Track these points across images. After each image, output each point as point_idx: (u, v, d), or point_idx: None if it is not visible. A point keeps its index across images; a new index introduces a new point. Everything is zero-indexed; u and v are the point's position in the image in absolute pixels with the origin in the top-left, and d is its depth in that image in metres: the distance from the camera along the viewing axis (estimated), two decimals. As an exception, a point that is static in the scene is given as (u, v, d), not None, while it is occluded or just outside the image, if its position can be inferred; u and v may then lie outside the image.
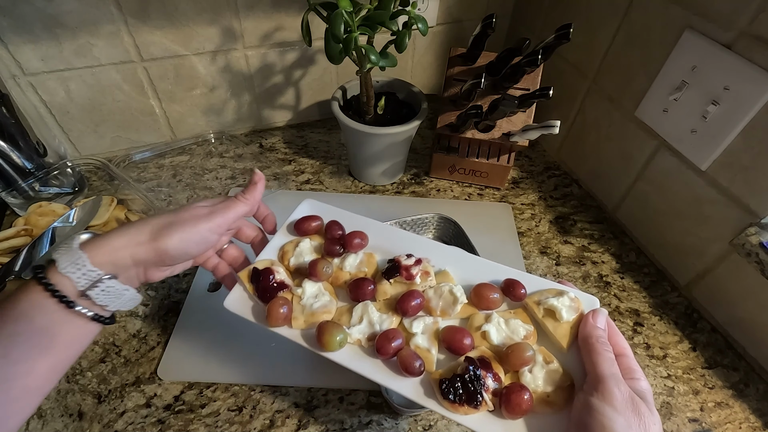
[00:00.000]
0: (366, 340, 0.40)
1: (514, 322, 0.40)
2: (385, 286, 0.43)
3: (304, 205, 0.50)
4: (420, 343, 0.39)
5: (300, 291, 0.42)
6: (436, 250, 0.46)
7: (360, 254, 0.46)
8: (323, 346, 0.38)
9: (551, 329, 0.39)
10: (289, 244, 0.46)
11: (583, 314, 0.39)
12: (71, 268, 0.35)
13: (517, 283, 0.41)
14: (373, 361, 0.39)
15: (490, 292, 0.41)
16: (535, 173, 0.86)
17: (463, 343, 0.38)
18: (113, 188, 0.72)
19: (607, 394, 0.32)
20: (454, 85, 0.75)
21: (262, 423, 0.51)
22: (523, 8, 0.91)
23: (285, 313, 0.40)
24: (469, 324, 0.41)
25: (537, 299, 0.41)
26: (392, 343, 0.38)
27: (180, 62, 0.76)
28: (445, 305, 0.41)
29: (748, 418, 0.54)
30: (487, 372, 0.36)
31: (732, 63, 0.52)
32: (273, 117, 0.91)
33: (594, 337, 0.36)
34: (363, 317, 0.40)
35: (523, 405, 0.34)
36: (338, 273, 0.44)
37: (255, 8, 0.74)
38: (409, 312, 0.40)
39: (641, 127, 0.67)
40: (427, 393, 0.37)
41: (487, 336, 0.39)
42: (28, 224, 0.60)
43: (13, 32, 0.63)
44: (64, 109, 0.74)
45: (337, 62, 0.60)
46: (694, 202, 0.62)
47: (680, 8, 0.58)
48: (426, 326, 0.40)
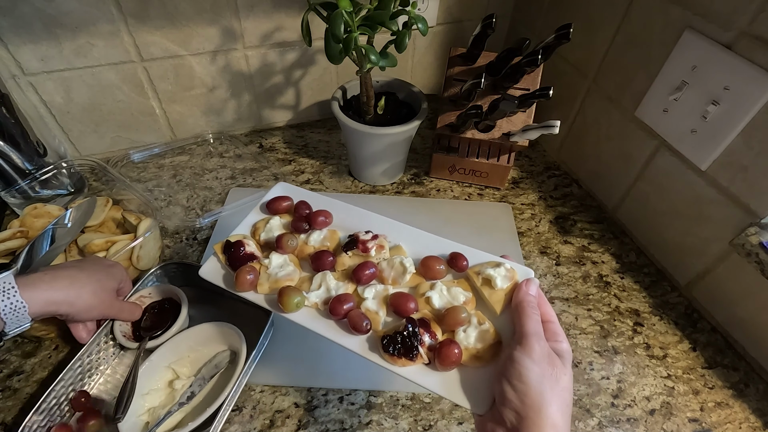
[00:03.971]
0: (322, 303, 0.44)
1: (455, 290, 0.44)
2: (344, 258, 0.47)
3: (277, 187, 0.54)
4: (370, 307, 0.43)
5: (267, 261, 0.46)
6: (392, 227, 0.50)
7: (324, 231, 0.50)
8: (282, 307, 0.42)
9: (487, 296, 0.43)
10: (260, 222, 0.51)
11: (518, 283, 0.43)
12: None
13: (460, 256, 0.46)
14: (327, 322, 0.43)
15: (436, 264, 0.45)
16: (535, 173, 0.86)
17: (407, 306, 0.42)
18: (111, 189, 0.72)
19: (527, 348, 0.35)
20: (454, 85, 0.75)
21: (262, 423, 0.51)
22: (523, 8, 0.91)
23: (251, 279, 0.44)
24: (416, 291, 0.45)
25: (477, 270, 0.45)
26: (344, 305, 0.42)
27: (180, 62, 0.76)
28: (396, 275, 0.45)
29: (748, 418, 0.55)
30: (425, 330, 0.40)
31: (732, 63, 0.52)
32: (273, 117, 0.91)
33: (525, 301, 0.40)
34: (321, 284, 0.45)
35: (452, 357, 0.38)
36: (303, 247, 0.48)
37: (255, 8, 0.74)
38: (362, 280, 0.45)
39: (641, 127, 0.67)
40: (372, 348, 0.41)
41: (429, 301, 0.43)
42: (24, 226, 0.60)
43: (13, 32, 0.63)
44: (64, 109, 0.74)
45: (337, 62, 0.60)
46: (694, 202, 0.62)
47: (680, 8, 0.58)
48: (377, 292, 0.44)
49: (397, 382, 0.55)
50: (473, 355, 0.40)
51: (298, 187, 0.55)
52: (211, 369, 0.53)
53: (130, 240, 0.60)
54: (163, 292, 0.58)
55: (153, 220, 0.63)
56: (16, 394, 0.52)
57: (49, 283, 0.44)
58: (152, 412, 0.49)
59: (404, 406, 0.53)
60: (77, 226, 0.59)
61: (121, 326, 0.54)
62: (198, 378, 0.52)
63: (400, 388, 0.55)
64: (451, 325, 0.41)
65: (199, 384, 0.51)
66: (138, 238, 0.60)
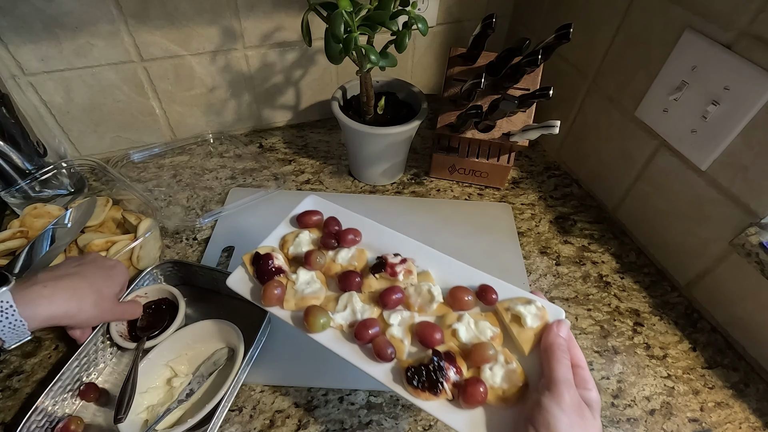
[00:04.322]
0: (347, 326, 0.43)
1: (483, 324, 0.43)
2: (371, 280, 0.46)
3: (308, 200, 0.54)
4: (395, 334, 0.42)
5: (295, 277, 0.46)
6: (422, 251, 0.49)
7: (352, 249, 0.49)
8: (308, 327, 0.42)
9: (516, 334, 0.42)
10: (289, 235, 0.50)
11: (548, 323, 0.42)
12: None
13: (490, 289, 0.44)
14: (351, 346, 0.42)
15: (464, 295, 0.44)
16: (535, 173, 0.86)
17: (433, 337, 0.41)
18: (111, 189, 0.72)
19: (557, 395, 0.34)
20: (454, 85, 0.75)
21: (262, 423, 0.51)
22: (523, 8, 0.91)
23: (278, 294, 0.44)
24: (442, 321, 0.44)
25: (507, 305, 0.44)
26: (369, 330, 0.41)
27: (180, 62, 0.76)
28: (423, 302, 0.44)
29: (748, 418, 0.54)
30: (451, 365, 0.39)
31: (732, 63, 0.52)
32: (273, 117, 0.91)
33: (555, 344, 0.38)
34: (347, 305, 0.44)
35: (477, 396, 0.37)
36: (330, 264, 0.48)
37: (255, 8, 0.74)
38: (389, 305, 0.44)
39: (641, 127, 0.67)
40: (396, 378, 0.40)
41: (456, 334, 0.42)
42: (24, 226, 0.60)
43: (13, 32, 0.63)
44: (64, 109, 0.74)
45: (337, 62, 0.60)
46: (694, 202, 0.62)
47: (680, 8, 0.58)
48: (402, 319, 0.43)
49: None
50: (499, 396, 0.38)
51: (329, 202, 0.54)
52: (210, 366, 0.53)
53: (130, 240, 0.60)
54: (159, 292, 0.58)
55: (153, 220, 0.63)
56: (16, 394, 0.52)
57: (49, 298, 0.44)
58: (151, 410, 0.50)
59: (404, 406, 0.53)
60: (77, 226, 0.60)
61: (117, 326, 0.54)
62: (196, 375, 0.52)
63: (399, 388, 0.55)
64: (477, 362, 0.40)
65: (198, 381, 0.52)
66: (138, 238, 0.60)
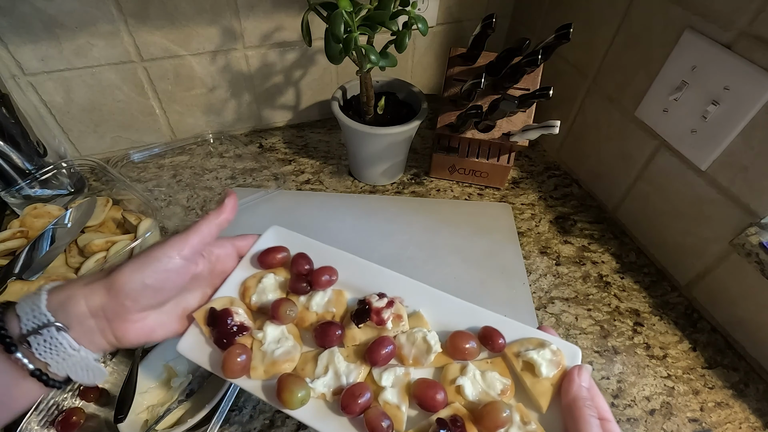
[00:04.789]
0: (331, 394, 0.36)
1: (491, 375, 0.37)
2: (354, 331, 0.40)
3: (270, 234, 0.46)
4: (389, 399, 0.36)
5: (261, 335, 0.39)
6: (409, 287, 0.43)
7: (328, 292, 0.42)
8: (283, 404, 0.35)
9: (530, 386, 0.37)
10: (251, 279, 0.43)
11: (565, 369, 0.37)
12: (26, 306, 0.32)
13: (495, 333, 0.39)
14: (339, 420, 0.36)
15: (466, 341, 0.38)
16: (535, 173, 0.86)
17: (435, 399, 0.35)
18: (111, 189, 0.72)
19: None
20: (454, 85, 0.75)
21: (262, 423, 0.51)
22: (523, 8, 0.91)
23: (243, 362, 0.37)
24: (443, 376, 0.38)
25: (516, 350, 0.38)
26: (359, 399, 0.35)
27: (180, 62, 0.76)
28: (418, 353, 0.38)
29: (748, 418, 0.54)
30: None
31: (732, 63, 0.52)
32: (273, 117, 0.91)
33: (581, 399, 0.33)
34: (329, 367, 0.37)
35: None
36: (303, 313, 0.41)
37: (255, 8, 0.74)
38: (379, 362, 0.37)
39: (641, 127, 0.67)
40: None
41: (461, 391, 0.36)
42: (24, 226, 0.60)
43: (13, 32, 0.63)
44: (64, 109, 0.74)
45: (337, 62, 0.60)
46: (694, 202, 0.62)
47: (680, 8, 0.58)
48: (396, 378, 0.37)
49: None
50: None
51: (295, 233, 0.46)
52: None
53: (130, 240, 0.60)
54: None
55: (153, 220, 0.63)
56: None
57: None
58: (151, 410, 0.50)
59: (404, 406, 0.53)
60: (77, 226, 0.60)
61: None
62: (197, 375, 0.52)
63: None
64: (490, 428, 0.34)
65: (198, 381, 0.51)
66: (138, 238, 0.60)
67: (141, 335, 0.36)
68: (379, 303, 0.40)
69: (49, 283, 0.34)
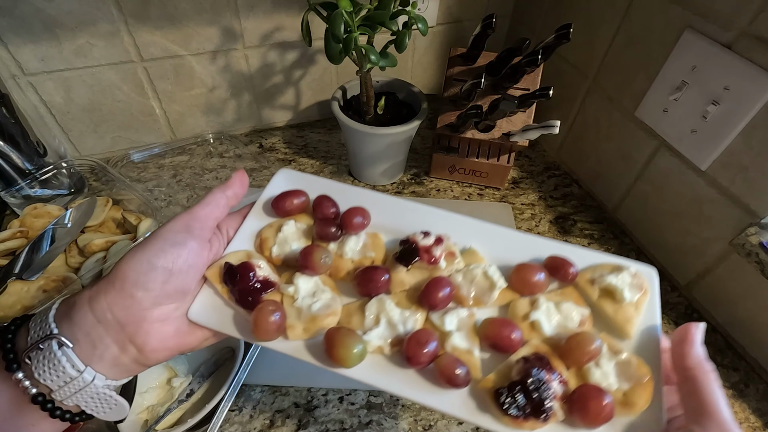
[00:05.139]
0: (389, 346, 0.32)
1: (567, 306, 0.33)
2: (402, 275, 0.34)
3: (279, 177, 0.41)
4: (458, 344, 0.32)
5: (292, 290, 0.33)
6: (455, 223, 0.38)
7: (362, 236, 0.37)
8: (338, 362, 0.30)
9: (611, 313, 0.33)
10: (268, 229, 0.37)
11: (647, 292, 0.33)
12: (37, 317, 0.28)
13: (565, 262, 0.35)
14: (404, 373, 0.31)
15: (534, 273, 0.34)
16: (535, 173, 0.86)
17: (511, 338, 0.31)
18: (111, 189, 0.72)
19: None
20: (454, 85, 0.75)
21: (262, 423, 0.51)
22: (523, 8, 0.91)
23: (277, 321, 0.31)
24: (511, 313, 0.34)
25: (590, 277, 0.35)
26: (425, 348, 0.30)
27: (180, 62, 0.76)
28: (479, 292, 0.34)
29: (748, 418, 0.54)
30: (550, 373, 0.30)
31: (732, 63, 0.52)
32: (273, 117, 0.91)
33: (704, 364, 0.28)
34: (380, 317, 0.33)
35: (603, 413, 0.28)
36: (337, 261, 0.36)
37: (255, 8, 0.74)
38: (438, 305, 0.33)
39: (641, 127, 0.67)
40: (479, 407, 0.30)
41: (536, 326, 0.33)
42: (24, 226, 0.60)
43: (13, 32, 0.63)
44: (64, 109, 0.74)
45: (337, 62, 0.60)
46: (694, 202, 0.62)
47: (680, 8, 0.58)
48: (461, 321, 0.33)
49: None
50: (619, 402, 0.29)
51: (310, 175, 0.41)
52: (210, 366, 0.53)
53: (130, 240, 0.60)
54: None
55: (153, 220, 0.63)
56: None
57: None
58: (151, 410, 0.50)
59: (404, 406, 0.53)
60: (77, 226, 0.60)
61: None
62: (197, 375, 0.52)
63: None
64: (580, 361, 0.31)
65: (198, 381, 0.52)
66: (138, 238, 0.60)
67: (167, 340, 0.30)
68: (427, 241, 0.35)
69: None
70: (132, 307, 0.28)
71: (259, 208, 0.39)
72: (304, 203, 0.39)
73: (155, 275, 0.29)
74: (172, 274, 0.30)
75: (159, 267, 0.29)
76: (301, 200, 0.38)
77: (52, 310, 0.28)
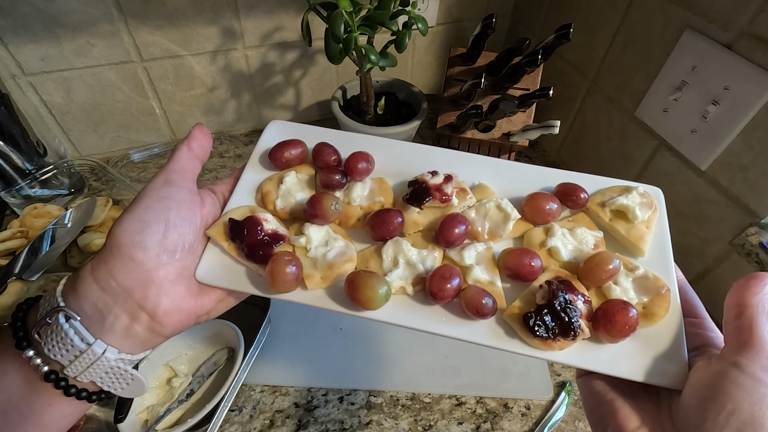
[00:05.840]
0: (411, 285, 0.32)
1: (581, 231, 0.34)
2: (414, 216, 0.35)
3: (271, 129, 0.40)
4: (479, 277, 0.32)
5: (303, 240, 0.33)
6: (461, 161, 0.38)
7: (368, 181, 0.37)
8: (364, 304, 0.30)
9: (624, 232, 0.34)
10: (268, 182, 0.36)
11: (657, 209, 0.35)
12: (47, 294, 0.27)
13: (576, 188, 0.35)
14: (429, 309, 0.31)
15: (547, 202, 0.35)
16: (535, 173, 0.86)
17: (532, 266, 0.32)
18: (111, 189, 0.72)
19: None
20: (454, 85, 0.75)
21: (262, 423, 0.51)
22: (523, 8, 0.91)
23: (295, 272, 0.30)
24: (527, 243, 0.35)
25: (600, 201, 0.36)
26: (449, 282, 0.30)
27: (180, 62, 0.76)
28: (493, 225, 0.34)
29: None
30: (574, 294, 0.31)
31: (732, 63, 0.52)
32: (273, 117, 0.91)
33: (766, 304, 0.26)
34: (398, 258, 0.32)
35: (629, 324, 0.29)
36: (346, 209, 0.35)
37: (255, 8, 0.74)
38: (455, 241, 0.33)
39: (641, 127, 0.67)
40: (508, 333, 0.31)
41: (553, 253, 0.33)
42: (24, 226, 0.60)
43: (13, 32, 0.63)
44: (64, 109, 0.74)
45: (337, 62, 0.60)
46: (694, 202, 0.62)
47: (680, 8, 0.58)
48: (479, 255, 0.33)
49: (397, 382, 0.55)
50: (640, 314, 0.31)
51: (300, 124, 0.40)
52: (210, 367, 0.53)
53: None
54: None
55: (153, 219, 0.63)
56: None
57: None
58: (151, 410, 0.50)
59: (404, 406, 0.53)
60: (77, 226, 0.60)
61: None
62: (197, 376, 0.52)
63: (400, 388, 0.55)
64: (600, 280, 0.32)
65: (198, 382, 0.52)
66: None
67: (180, 301, 0.29)
68: (436, 180, 0.35)
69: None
70: (135, 270, 0.27)
71: (255, 161, 0.38)
72: (302, 153, 0.38)
73: (150, 231, 0.28)
74: (167, 228, 0.29)
75: (151, 222, 0.28)
76: (299, 150, 0.37)
77: (60, 285, 0.27)
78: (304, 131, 0.40)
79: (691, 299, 0.33)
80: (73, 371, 0.26)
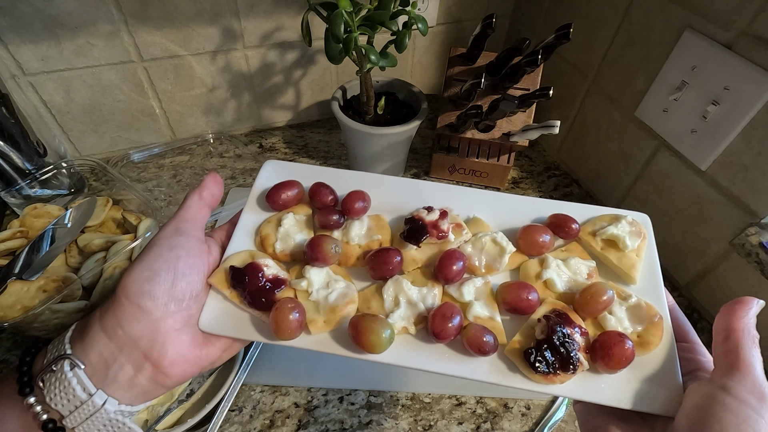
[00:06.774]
0: (413, 324, 0.32)
1: (574, 262, 0.35)
2: (412, 253, 0.35)
3: (267, 169, 0.40)
4: (479, 313, 0.33)
5: (305, 284, 0.33)
6: (454, 194, 0.39)
7: (365, 219, 0.37)
8: (369, 349, 0.30)
9: (615, 261, 0.35)
10: (266, 225, 0.36)
11: (646, 237, 0.36)
12: (56, 339, 0.27)
13: (567, 219, 0.36)
14: (432, 349, 0.31)
15: (540, 234, 0.35)
16: (535, 173, 0.86)
17: (529, 300, 0.32)
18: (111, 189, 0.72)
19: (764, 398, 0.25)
20: (454, 85, 0.75)
21: (262, 423, 0.51)
22: (523, 8, 0.91)
23: (298, 318, 0.30)
24: (523, 275, 0.36)
25: (591, 230, 0.37)
26: (451, 321, 0.31)
27: (180, 62, 0.76)
28: (489, 259, 0.35)
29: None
30: (571, 327, 0.31)
31: (732, 63, 0.52)
32: (273, 117, 0.91)
33: (747, 330, 0.29)
34: (399, 298, 0.33)
35: (626, 356, 0.29)
36: (345, 248, 0.36)
37: (255, 8, 0.74)
38: (454, 278, 0.33)
39: (641, 127, 0.67)
40: (509, 368, 0.31)
41: (550, 284, 0.34)
42: (24, 226, 0.60)
43: (13, 32, 0.63)
44: (64, 109, 0.74)
45: (337, 62, 0.60)
46: (694, 202, 0.62)
47: (680, 8, 0.58)
48: (478, 290, 0.34)
49: (397, 382, 0.55)
50: (635, 343, 0.31)
51: (294, 163, 0.41)
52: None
53: (130, 240, 0.60)
54: None
55: (153, 220, 0.63)
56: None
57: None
58: (151, 409, 0.49)
59: (404, 406, 0.53)
60: (77, 226, 0.60)
61: None
62: (197, 375, 0.52)
63: (399, 388, 0.55)
64: (595, 311, 0.32)
65: (198, 381, 0.52)
66: (138, 238, 0.60)
67: (185, 351, 0.29)
68: (432, 216, 0.35)
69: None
70: (143, 319, 0.28)
71: (252, 204, 0.38)
72: (299, 194, 0.38)
73: (159, 280, 0.28)
74: (176, 276, 0.29)
75: (161, 272, 0.29)
76: (296, 191, 0.38)
77: (69, 332, 0.28)
78: (300, 170, 0.40)
79: (683, 324, 0.34)
80: (72, 422, 0.26)
